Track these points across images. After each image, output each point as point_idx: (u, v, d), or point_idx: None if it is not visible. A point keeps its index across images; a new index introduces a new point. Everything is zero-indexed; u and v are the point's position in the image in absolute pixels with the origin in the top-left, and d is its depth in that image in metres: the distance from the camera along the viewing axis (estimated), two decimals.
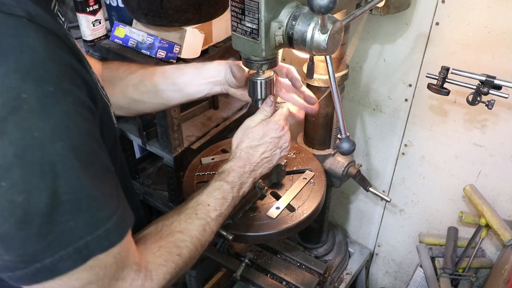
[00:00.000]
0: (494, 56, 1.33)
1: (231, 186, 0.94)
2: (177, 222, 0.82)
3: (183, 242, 0.79)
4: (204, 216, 0.86)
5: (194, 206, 0.87)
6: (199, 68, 1.09)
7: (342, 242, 1.87)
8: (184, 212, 0.85)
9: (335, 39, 0.86)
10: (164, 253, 0.75)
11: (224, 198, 0.92)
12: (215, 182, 0.94)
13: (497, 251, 1.68)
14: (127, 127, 1.72)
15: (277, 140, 1.01)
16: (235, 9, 0.89)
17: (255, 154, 0.99)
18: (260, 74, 1.00)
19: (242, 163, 0.98)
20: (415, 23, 1.44)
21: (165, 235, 0.78)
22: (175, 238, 0.79)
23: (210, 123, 1.75)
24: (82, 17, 1.44)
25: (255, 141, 0.99)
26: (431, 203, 1.75)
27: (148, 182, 1.93)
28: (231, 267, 1.56)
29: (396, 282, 2.12)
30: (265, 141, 1.00)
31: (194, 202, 0.88)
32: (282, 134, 1.01)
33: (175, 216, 0.84)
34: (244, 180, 0.98)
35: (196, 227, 0.83)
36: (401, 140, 1.70)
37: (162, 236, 0.78)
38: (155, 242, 0.76)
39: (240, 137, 1.02)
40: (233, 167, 0.97)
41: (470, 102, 1.19)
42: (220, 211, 0.89)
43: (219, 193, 0.91)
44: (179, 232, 0.80)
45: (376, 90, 1.65)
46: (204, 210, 0.87)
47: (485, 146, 1.50)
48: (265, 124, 1.00)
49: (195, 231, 0.82)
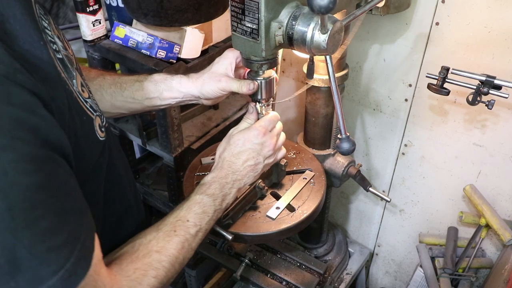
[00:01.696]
0: (494, 56, 1.33)
1: (213, 199, 0.92)
2: (155, 240, 0.80)
3: (160, 263, 0.77)
4: (183, 233, 0.84)
5: (173, 222, 0.85)
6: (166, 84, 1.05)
7: (342, 242, 1.87)
8: (163, 229, 0.83)
9: (335, 39, 0.86)
10: (140, 275, 0.73)
11: (205, 212, 0.89)
12: (195, 195, 0.92)
13: (497, 251, 1.68)
14: (127, 127, 1.71)
15: (259, 147, 0.99)
16: (235, 9, 0.89)
17: (237, 162, 0.97)
18: (260, 74, 1.00)
19: (224, 173, 0.96)
20: (415, 23, 1.44)
21: (142, 255, 0.77)
22: (151, 259, 0.77)
23: (210, 123, 1.74)
24: (82, 17, 1.44)
25: (236, 148, 0.98)
26: (431, 203, 1.75)
27: (148, 182, 1.93)
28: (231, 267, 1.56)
29: (396, 282, 2.12)
30: (246, 148, 0.98)
31: (173, 217, 0.86)
32: (264, 141, 0.99)
33: (153, 233, 0.82)
34: (226, 192, 0.96)
35: (175, 245, 0.81)
36: (401, 140, 1.70)
37: (138, 257, 0.76)
38: (130, 264, 0.74)
39: (223, 146, 1.01)
40: (214, 178, 0.96)
41: (470, 102, 1.19)
42: (199, 226, 0.87)
43: (199, 208, 0.89)
44: (157, 252, 0.78)
45: (376, 90, 1.65)
46: (183, 227, 0.85)
47: (485, 146, 1.50)
48: (247, 130, 0.99)
49: (173, 249, 0.80)
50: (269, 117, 1.03)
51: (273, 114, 1.04)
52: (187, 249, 0.84)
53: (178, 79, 1.05)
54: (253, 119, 1.01)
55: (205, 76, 1.04)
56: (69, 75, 0.69)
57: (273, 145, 1.02)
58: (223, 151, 1.00)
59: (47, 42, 0.65)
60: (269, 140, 1.01)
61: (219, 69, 1.04)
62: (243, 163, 0.98)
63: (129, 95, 1.05)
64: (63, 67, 0.68)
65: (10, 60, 0.55)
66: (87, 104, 0.74)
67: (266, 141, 1.00)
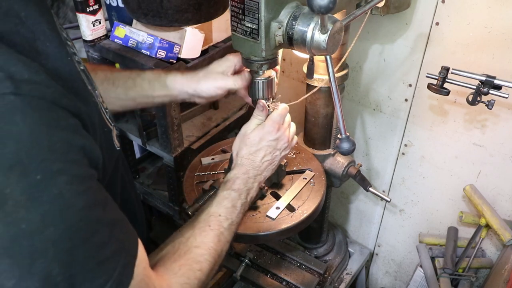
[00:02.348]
0: (494, 56, 1.33)
1: (238, 193, 0.96)
2: (192, 237, 0.83)
3: (202, 257, 0.80)
4: (217, 227, 0.88)
5: (206, 219, 0.88)
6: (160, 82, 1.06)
7: (342, 242, 1.87)
8: (197, 226, 0.86)
9: (335, 39, 0.86)
10: (186, 271, 0.76)
11: (234, 206, 0.93)
12: (222, 192, 0.95)
13: (497, 251, 1.68)
14: (127, 127, 1.71)
15: (275, 143, 1.02)
16: (235, 9, 0.89)
17: (256, 159, 1.01)
18: (260, 74, 1.00)
19: (245, 169, 0.99)
20: (415, 23, 1.44)
21: (183, 252, 0.79)
22: (193, 254, 0.80)
23: (210, 123, 1.74)
24: (82, 17, 1.43)
25: (253, 147, 1.00)
26: (431, 203, 1.75)
27: (148, 182, 1.93)
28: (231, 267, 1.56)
29: (396, 282, 2.12)
30: (263, 146, 1.01)
31: (205, 214, 0.90)
32: (279, 136, 1.02)
33: (189, 231, 0.85)
34: (250, 186, 0.99)
35: (211, 238, 0.85)
36: (401, 140, 1.70)
37: (180, 254, 0.79)
38: (174, 262, 0.77)
39: (238, 145, 1.03)
40: (237, 174, 0.98)
41: (470, 102, 1.19)
42: (231, 219, 0.91)
43: (228, 202, 0.93)
44: (196, 247, 0.81)
45: (376, 90, 1.65)
46: (216, 221, 0.88)
47: (485, 146, 1.50)
48: (261, 128, 1.01)
49: (211, 243, 0.84)
50: (280, 111, 1.03)
51: (282, 107, 1.05)
52: (223, 241, 0.87)
53: (172, 76, 1.06)
54: (264, 115, 1.02)
55: (200, 75, 1.04)
56: (92, 87, 0.70)
57: (287, 137, 1.05)
58: (239, 150, 1.02)
59: (71, 55, 0.65)
60: (283, 134, 1.03)
61: (216, 68, 1.04)
62: (262, 159, 1.01)
63: (121, 92, 1.06)
64: (87, 79, 0.69)
65: (53, 84, 0.55)
66: (107, 115, 0.76)
67: (280, 136, 1.02)
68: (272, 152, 1.02)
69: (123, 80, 1.06)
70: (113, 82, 1.06)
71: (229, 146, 1.43)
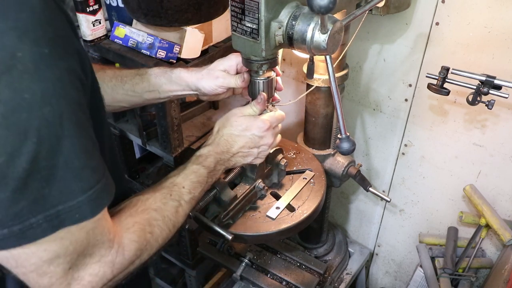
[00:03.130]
0: (494, 56, 1.33)
1: (208, 171, 0.95)
2: (152, 199, 0.82)
3: (155, 221, 0.79)
4: (178, 198, 0.87)
5: (169, 187, 0.88)
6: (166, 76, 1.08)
7: (342, 242, 1.87)
8: (160, 191, 0.85)
9: (335, 39, 0.86)
10: (138, 229, 0.75)
11: (199, 182, 0.92)
12: (192, 165, 0.94)
13: (497, 251, 1.68)
14: (127, 127, 1.71)
15: (258, 140, 1.00)
16: (235, 9, 0.89)
17: (234, 145, 0.99)
18: (260, 74, 1.00)
19: (220, 150, 0.98)
20: (415, 23, 1.44)
21: (140, 210, 0.79)
22: (149, 216, 0.79)
23: (210, 123, 1.75)
24: (82, 17, 1.44)
25: (236, 131, 0.99)
26: (431, 203, 1.75)
27: (148, 182, 1.93)
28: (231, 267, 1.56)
29: (396, 282, 2.12)
30: (246, 135, 0.99)
31: (169, 183, 0.89)
32: (265, 135, 1.00)
33: (150, 193, 0.84)
34: (218, 168, 0.98)
35: (170, 207, 0.84)
36: (401, 140, 1.70)
37: (137, 211, 0.78)
38: (129, 217, 0.76)
39: (223, 122, 1.02)
40: (211, 152, 0.97)
41: (470, 102, 1.19)
42: (193, 194, 0.90)
43: (195, 177, 0.92)
44: (154, 210, 0.80)
45: (376, 90, 1.65)
46: (178, 192, 0.87)
47: (485, 146, 1.50)
48: (252, 119, 1.00)
49: (168, 211, 0.83)
50: (277, 115, 1.03)
51: (280, 113, 1.05)
52: (181, 214, 0.86)
53: (178, 72, 1.07)
54: (259, 109, 1.01)
55: (204, 72, 1.06)
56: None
57: (271, 143, 1.03)
58: (222, 127, 1.01)
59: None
60: (270, 137, 1.02)
61: (218, 67, 1.05)
62: (239, 148, 1.00)
63: (129, 88, 1.07)
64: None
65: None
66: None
67: (266, 137, 1.01)
68: (251, 147, 1.00)
69: (130, 76, 1.08)
70: (121, 78, 1.08)
71: None
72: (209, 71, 1.05)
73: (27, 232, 0.56)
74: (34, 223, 0.56)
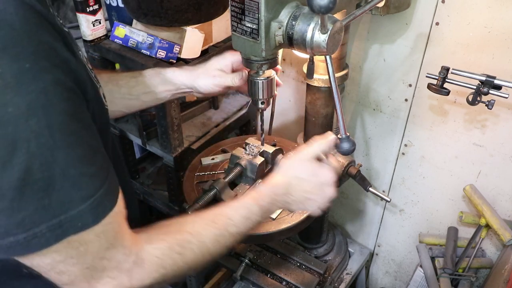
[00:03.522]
0: (494, 56, 1.33)
1: (262, 211, 0.89)
2: (191, 224, 0.79)
3: (189, 244, 0.76)
4: (222, 228, 0.82)
5: (215, 215, 0.84)
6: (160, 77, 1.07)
7: (342, 242, 1.87)
8: (203, 217, 0.82)
9: (335, 39, 0.86)
10: (163, 246, 0.73)
11: (249, 219, 0.87)
12: (247, 200, 0.89)
13: (497, 251, 1.68)
14: (127, 127, 1.71)
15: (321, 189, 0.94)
16: (235, 9, 0.89)
17: (297, 188, 0.93)
18: (260, 74, 1.00)
19: (280, 192, 0.92)
20: (415, 23, 1.43)
21: (174, 230, 0.76)
22: (182, 237, 0.76)
23: (210, 123, 1.75)
24: (82, 17, 1.44)
25: (303, 174, 0.93)
26: (431, 203, 1.75)
27: (148, 182, 1.93)
28: (231, 267, 1.56)
29: (396, 282, 2.12)
30: (312, 181, 0.93)
31: (218, 211, 0.85)
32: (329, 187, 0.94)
33: (192, 217, 0.82)
34: (273, 209, 0.94)
35: (210, 234, 0.79)
36: (401, 140, 1.70)
37: (169, 231, 0.76)
38: (158, 234, 0.75)
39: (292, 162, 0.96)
40: (269, 192, 0.92)
41: (470, 102, 1.19)
42: (240, 228, 0.85)
43: (246, 213, 0.87)
44: (189, 233, 0.77)
45: (376, 90, 1.65)
46: (223, 222, 0.83)
47: (485, 146, 1.50)
48: (322, 166, 0.94)
49: (207, 238, 0.79)
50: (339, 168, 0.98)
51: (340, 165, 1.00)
52: (222, 244, 0.81)
53: (171, 71, 1.08)
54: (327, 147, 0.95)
55: (199, 71, 1.06)
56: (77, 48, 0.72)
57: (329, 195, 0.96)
58: (290, 167, 0.95)
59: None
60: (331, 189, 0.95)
61: (215, 65, 1.06)
62: (302, 192, 0.93)
63: (126, 91, 1.07)
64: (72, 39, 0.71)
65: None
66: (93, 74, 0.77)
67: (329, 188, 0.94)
68: (314, 194, 0.93)
69: (126, 79, 1.08)
70: (117, 82, 1.07)
71: (229, 146, 1.44)
72: (205, 70, 1.06)
73: (32, 241, 0.57)
74: (38, 233, 0.57)
